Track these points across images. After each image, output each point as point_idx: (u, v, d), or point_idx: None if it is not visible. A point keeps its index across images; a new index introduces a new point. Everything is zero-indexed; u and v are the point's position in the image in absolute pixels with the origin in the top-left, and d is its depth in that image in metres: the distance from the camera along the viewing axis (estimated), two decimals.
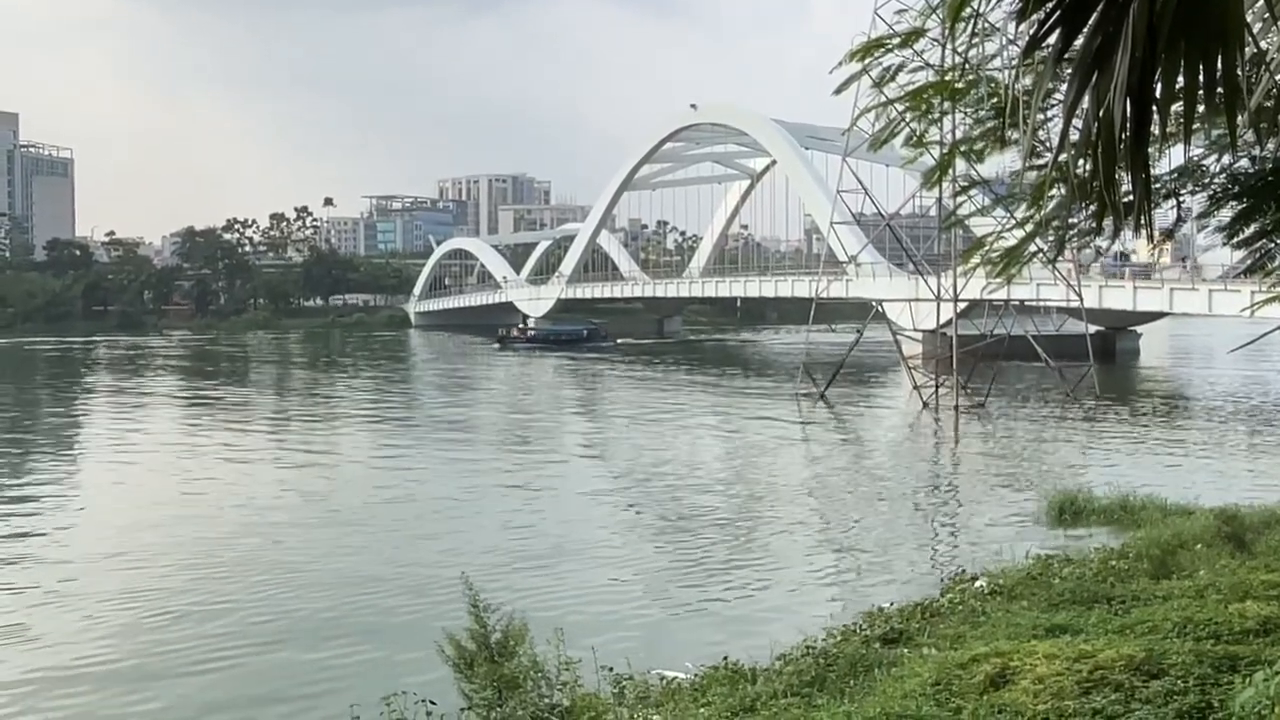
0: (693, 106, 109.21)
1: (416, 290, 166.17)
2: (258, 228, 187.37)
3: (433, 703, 9.41)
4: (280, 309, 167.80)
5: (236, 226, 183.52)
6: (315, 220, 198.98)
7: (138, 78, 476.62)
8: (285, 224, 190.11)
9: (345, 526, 24.80)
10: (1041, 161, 9.39)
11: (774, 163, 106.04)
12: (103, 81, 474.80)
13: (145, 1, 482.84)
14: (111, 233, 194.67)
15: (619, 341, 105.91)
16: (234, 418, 48.68)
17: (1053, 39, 3.20)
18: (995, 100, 9.34)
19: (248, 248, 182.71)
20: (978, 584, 14.88)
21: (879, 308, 60.22)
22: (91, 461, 37.58)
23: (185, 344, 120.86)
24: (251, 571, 20.58)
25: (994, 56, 9.13)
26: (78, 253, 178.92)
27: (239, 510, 26.59)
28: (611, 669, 10.52)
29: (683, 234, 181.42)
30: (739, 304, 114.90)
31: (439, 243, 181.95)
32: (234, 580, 19.99)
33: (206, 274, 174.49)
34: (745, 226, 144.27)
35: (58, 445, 41.68)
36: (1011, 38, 8.18)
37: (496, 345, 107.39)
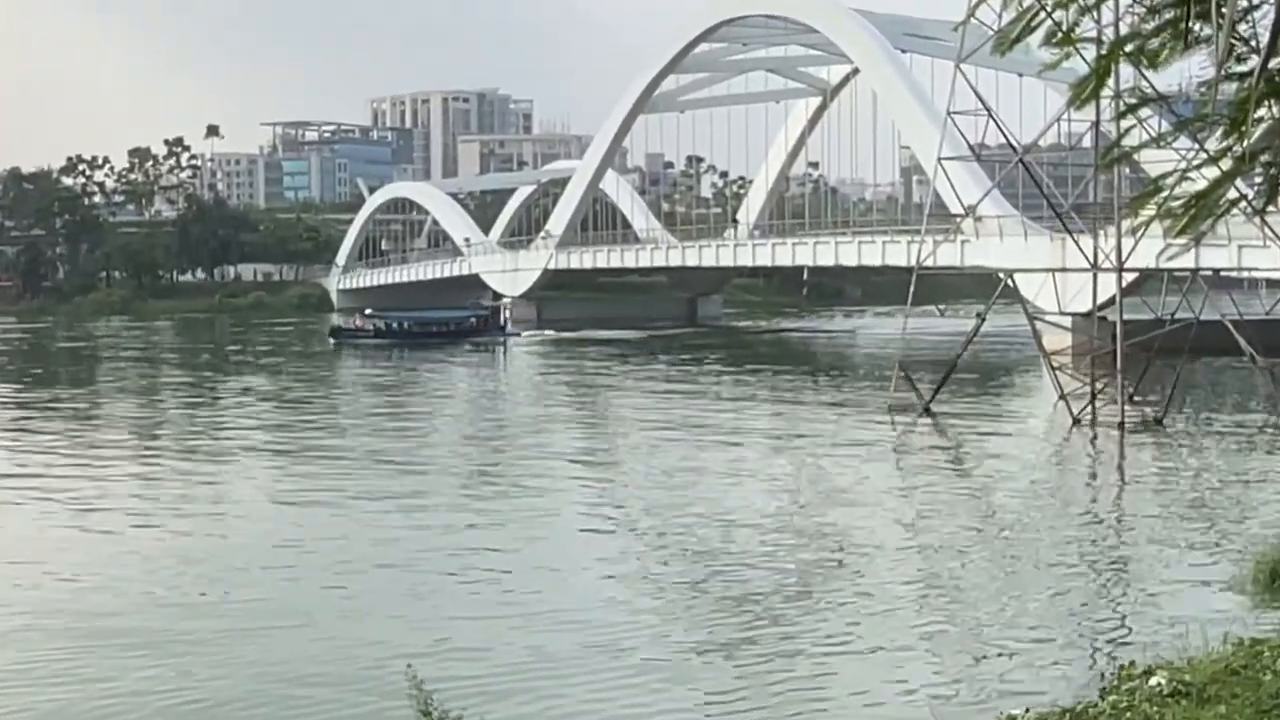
0: None
1: (340, 258, 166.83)
2: (112, 170, 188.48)
3: None
4: (145, 285, 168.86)
5: (81, 168, 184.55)
6: (194, 158, 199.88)
7: None
8: (151, 164, 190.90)
9: (249, 602, 24.87)
10: (1245, 68, 9.33)
11: (855, 71, 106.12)
12: None
13: None
14: None
15: (547, 334, 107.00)
16: (75, 455, 48.75)
17: None
18: None
19: (98, 198, 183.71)
20: (1153, 681, 14.83)
21: (1008, 281, 60.06)
22: None
23: (5, 339, 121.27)
24: (125, 670, 20.68)
25: None
26: None
27: (94, 586, 26.66)
28: None
29: (724, 176, 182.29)
30: (805, 276, 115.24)
31: (373, 190, 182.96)
32: (97, 691, 20.07)
33: (39, 236, 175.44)
34: (815, 165, 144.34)
35: None
36: None
37: (331, 342, 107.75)
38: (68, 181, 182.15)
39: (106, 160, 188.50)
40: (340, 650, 21.36)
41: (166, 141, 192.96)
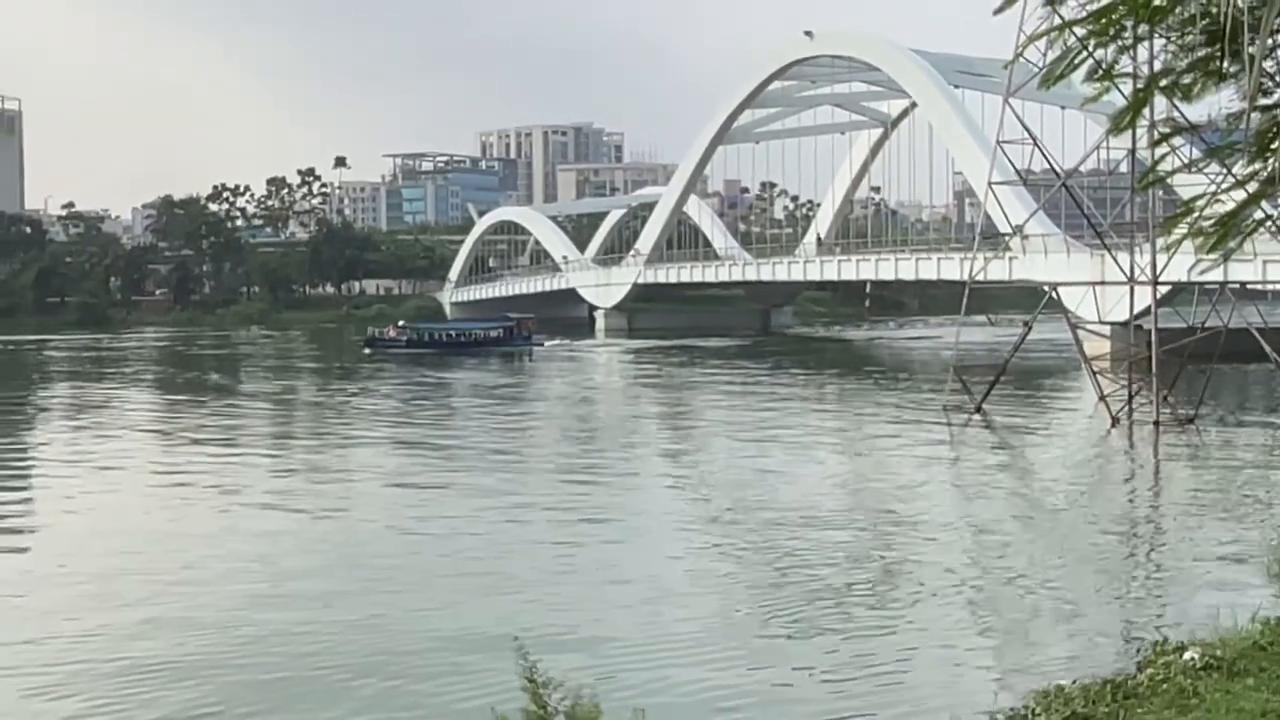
0: (807, 34, 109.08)
1: (453, 274, 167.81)
2: (252, 196, 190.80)
3: None
4: (280, 299, 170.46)
5: (226, 195, 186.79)
6: (324, 186, 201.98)
7: (103, 10, 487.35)
8: (286, 191, 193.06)
9: (370, 581, 25.03)
10: (1270, 100, 9.24)
11: (913, 105, 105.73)
12: (57, 12, 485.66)
13: None
14: (70, 204, 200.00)
15: (558, 342, 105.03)
16: (219, 447, 49.38)
17: None
18: (1208, 21, 9.20)
19: (240, 222, 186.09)
20: (1187, 656, 14.66)
21: (1052, 294, 59.59)
22: (38, 504, 38.33)
23: (159, 345, 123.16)
24: (258, 636, 20.85)
25: None
26: (28, 230, 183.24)
27: (237, 567, 26.92)
28: None
29: (794, 199, 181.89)
30: (868, 289, 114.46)
31: (481, 213, 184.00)
32: (236, 648, 20.27)
33: (188, 255, 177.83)
34: (876, 189, 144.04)
35: None
36: None
37: (366, 350, 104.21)
38: (214, 207, 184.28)
39: (248, 188, 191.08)
40: (455, 621, 21.52)
41: (300, 172, 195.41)
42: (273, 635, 20.92)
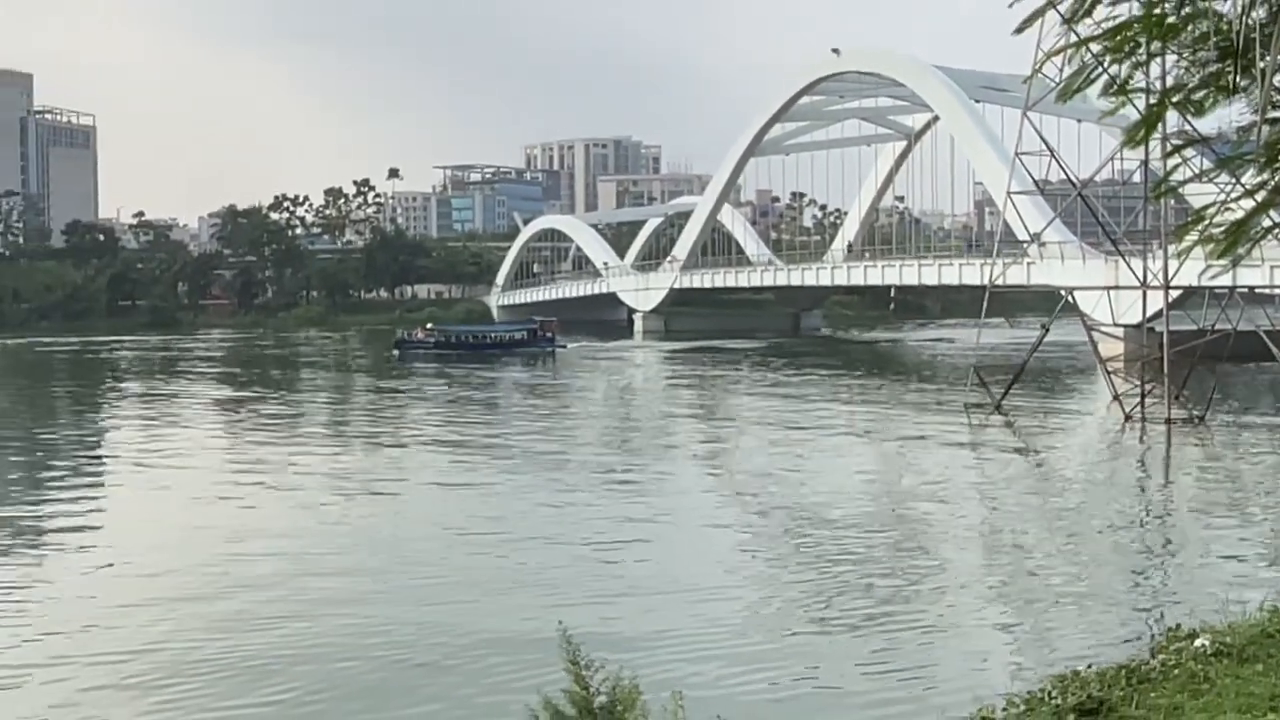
0: (835, 52, 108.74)
1: (499, 279, 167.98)
2: (310, 206, 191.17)
3: None
4: (338, 302, 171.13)
5: (286, 205, 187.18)
6: (378, 196, 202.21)
7: (172, 30, 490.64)
8: (343, 201, 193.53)
9: (418, 566, 25.14)
10: (1278, 114, 9.16)
11: (936, 119, 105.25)
12: (131, 35, 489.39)
13: None
14: (140, 214, 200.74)
15: (565, 345, 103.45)
16: (279, 440, 49.67)
17: None
18: (1220, 38, 9.13)
19: (299, 230, 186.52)
20: (1198, 643, 14.55)
21: (1069, 298, 59.31)
22: (111, 491, 38.63)
23: (225, 346, 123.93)
24: (310, 622, 20.96)
25: None
26: (101, 238, 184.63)
27: (290, 551, 27.07)
28: None
29: (823, 208, 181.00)
30: (893, 294, 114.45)
31: (526, 222, 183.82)
32: (289, 633, 20.38)
33: (251, 262, 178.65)
34: (901, 199, 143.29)
35: (71, 470, 42.91)
36: None
37: (395, 352, 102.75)
38: (275, 216, 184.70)
39: (307, 198, 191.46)
40: (500, 605, 21.56)
41: (355, 182, 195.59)
42: (336, 624, 21.04)
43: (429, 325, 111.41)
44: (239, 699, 17.25)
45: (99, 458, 46.69)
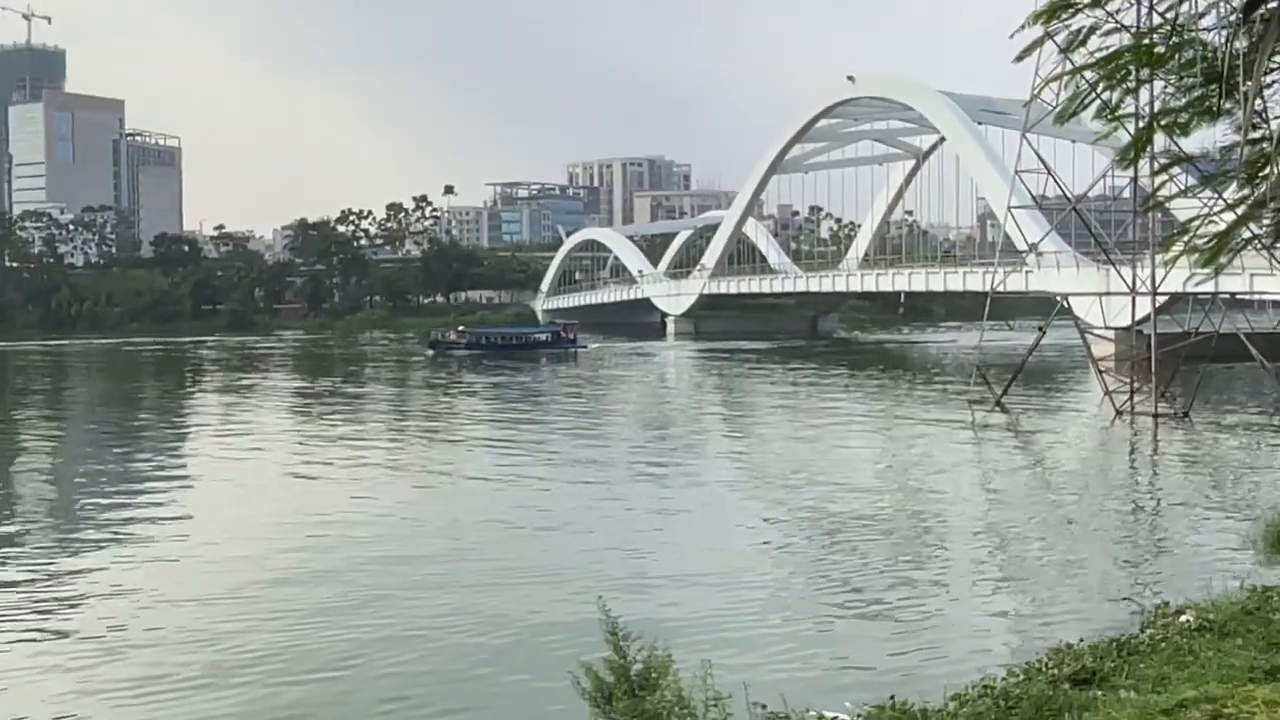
0: (850, 79, 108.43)
1: (544, 286, 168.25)
2: (374, 219, 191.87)
3: None
4: (398, 307, 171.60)
5: (352, 218, 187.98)
6: (435, 210, 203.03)
7: (248, 60, 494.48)
8: (403, 215, 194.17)
9: (469, 547, 25.22)
10: (1257, 135, 9.09)
11: (942, 140, 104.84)
12: (212, 65, 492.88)
13: None
14: (220, 226, 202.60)
15: (586, 345, 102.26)
16: (348, 429, 49.96)
17: None
18: (1204, 66, 9.06)
19: (363, 241, 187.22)
20: (1183, 618, 14.46)
21: (1064, 303, 58.92)
22: (198, 475, 38.89)
23: (297, 346, 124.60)
24: (370, 594, 21.06)
25: (1204, 15, 8.86)
26: (186, 248, 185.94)
27: (357, 529, 27.26)
28: (764, 706, 10.49)
29: (839, 221, 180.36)
30: (902, 299, 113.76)
31: (569, 233, 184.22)
32: (351, 605, 20.48)
33: (320, 270, 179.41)
34: (910, 212, 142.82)
35: (162, 459, 43.23)
36: None
37: (429, 352, 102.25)
38: (341, 229, 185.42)
39: (370, 212, 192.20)
40: (544, 584, 21.61)
41: (414, 198, 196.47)
42: (401, 594, 21.15)
43: (460, 327, 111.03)
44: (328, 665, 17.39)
45: (187, 437, 47.14)
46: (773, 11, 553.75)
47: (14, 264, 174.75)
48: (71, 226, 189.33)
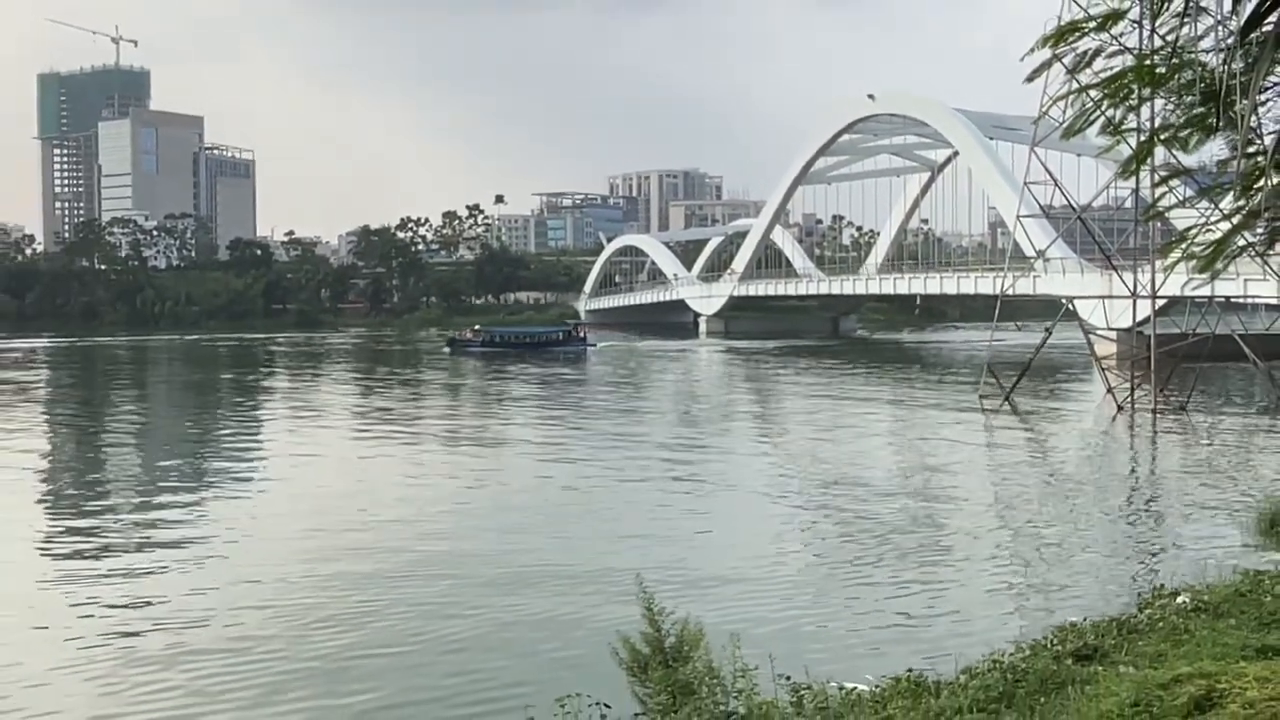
0: (870, 96, 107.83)
1: (586, 288, 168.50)
2: (431, 226, 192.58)
3: (607, 705, 9.51)
4: (452, 307, 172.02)
5: (410, 225, 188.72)
6: (487, 218, 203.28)
7: (316, 78, 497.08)
8: (457, 222, 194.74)
9: (515, 528, 25.31)
10: (1253, 149, 9.00)
11: (956, 154, 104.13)
12: (284, 83, 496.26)
13: (319, 6, 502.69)
14: (290, 232, 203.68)
15: (596, 344, 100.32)
16: (405, 415, 50.21)
17: (1274, 17, 3.08)
18: (1203, 85, 8.97)
19: (421, 246, 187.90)
20: (1180, 600, 14.33)
21: (1069, 305, 58.54)
22: (264, 457, 39.20)
23: (360, 342, 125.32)
24: (420, 571, 21.18)
25: (1202, 37, 8.77)
26: (259, 252, 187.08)
27: (408, 509, 27.45)
28: (789, 678, 10.48)
29: (859, 229, 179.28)
30: (918, 301, 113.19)
31: (609, 240, 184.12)
32: (403, 580, 20.60)
33: (381, 272, 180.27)
34: (925, 221, 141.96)
35: (232, 443, 43.57)
36: (1224, 17, 7.86)
37: (447, 350, 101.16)
38: (401, 235, 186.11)
39: (427, 220, 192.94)
40: (585, 557, 21.65)
41: (468, 206, 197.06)
42: (457, 566, 21.25)
43: (475, 327, 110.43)
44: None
45: (261, 420, 47.52)
46: (797, 38, 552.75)
47: (103, 266, 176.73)
48: (155, 232, 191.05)
